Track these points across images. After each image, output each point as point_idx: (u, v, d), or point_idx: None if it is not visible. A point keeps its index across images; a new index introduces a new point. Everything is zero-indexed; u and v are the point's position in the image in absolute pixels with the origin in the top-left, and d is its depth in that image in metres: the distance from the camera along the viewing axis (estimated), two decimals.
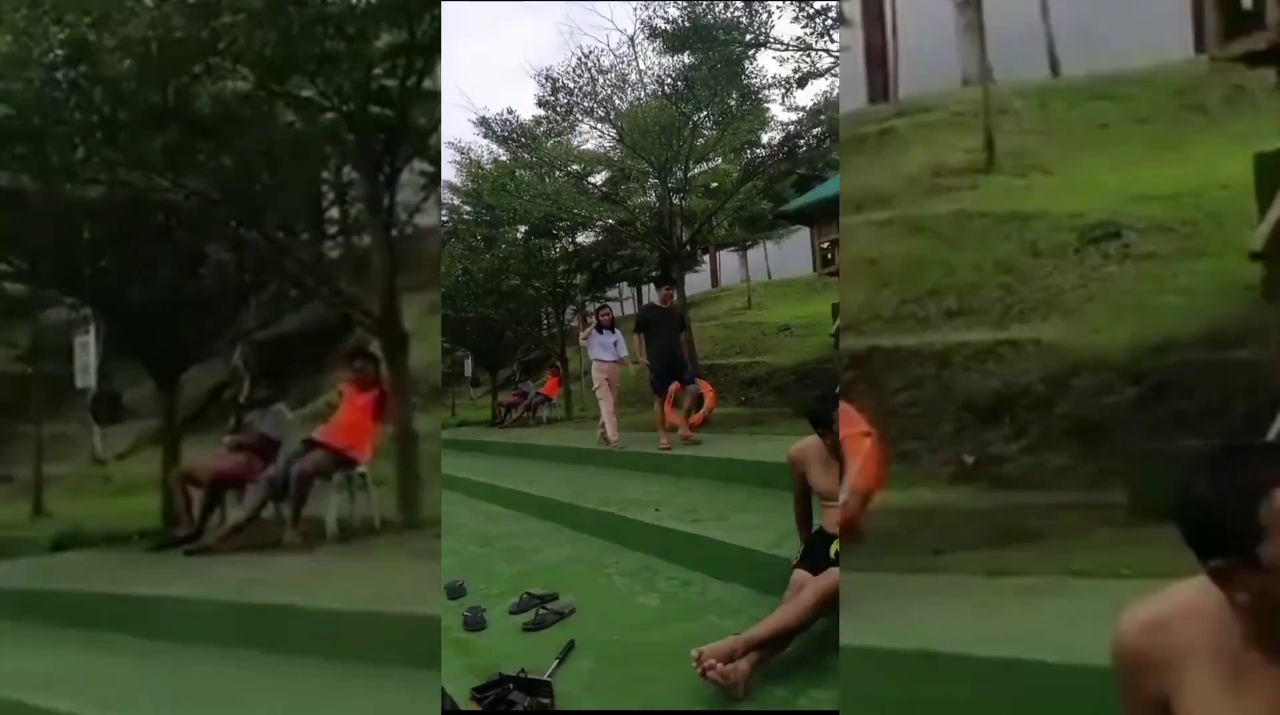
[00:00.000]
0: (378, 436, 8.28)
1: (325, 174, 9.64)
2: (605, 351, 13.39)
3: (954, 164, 13.64)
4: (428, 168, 9.08)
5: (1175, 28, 16.12)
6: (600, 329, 13.51)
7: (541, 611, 5.82)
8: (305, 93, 8.42)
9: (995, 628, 4.03)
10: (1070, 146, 13.19)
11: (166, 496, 8.36)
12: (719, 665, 4.02)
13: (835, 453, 4.92)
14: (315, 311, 11.32)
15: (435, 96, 8.64)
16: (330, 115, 8.37)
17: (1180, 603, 1.92)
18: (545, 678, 4.48)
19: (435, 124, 8.82)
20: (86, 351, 10.47)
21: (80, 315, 10.88)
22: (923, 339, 9.59)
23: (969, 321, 9.99)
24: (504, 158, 24.09)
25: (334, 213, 9.80)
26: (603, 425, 13.16)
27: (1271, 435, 6.54)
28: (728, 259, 37.96)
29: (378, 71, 8.38)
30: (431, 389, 10.91)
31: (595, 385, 13.51)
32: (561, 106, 21.09)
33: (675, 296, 12.68)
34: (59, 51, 7.35)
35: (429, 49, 8.20)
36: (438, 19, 8.13)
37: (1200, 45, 9.25)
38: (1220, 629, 1.81)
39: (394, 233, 8.39)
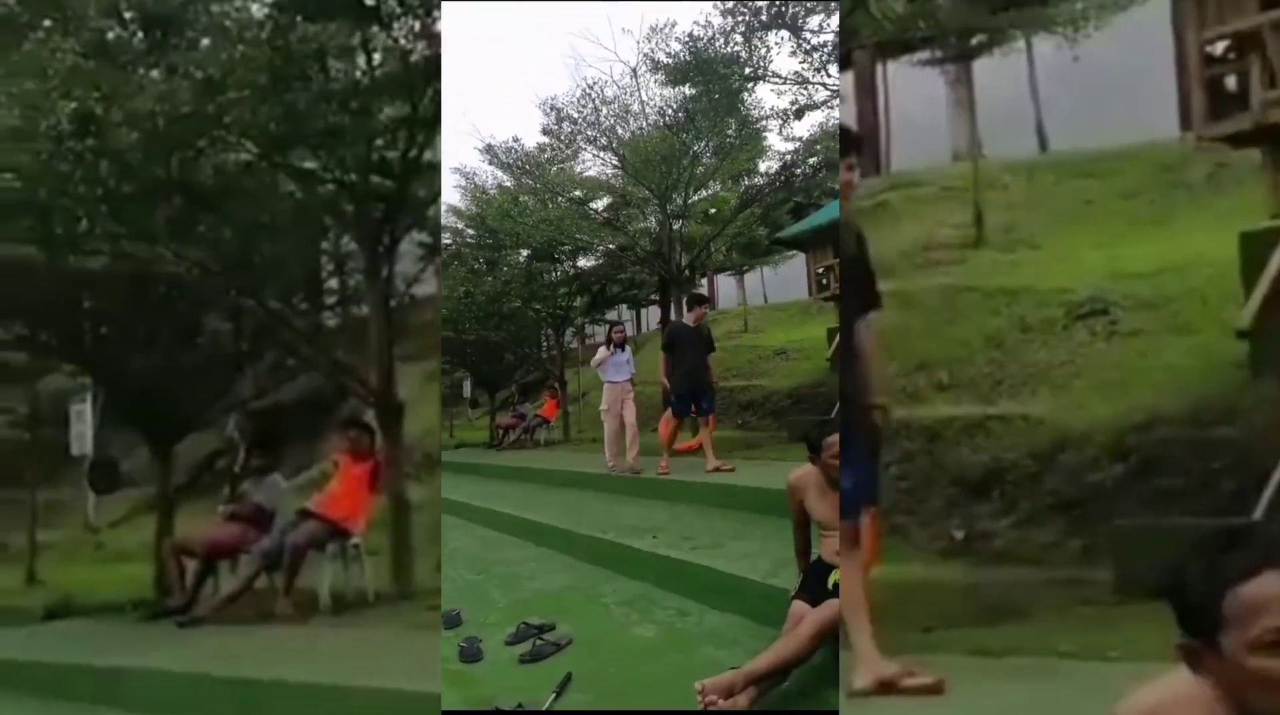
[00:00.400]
0: (372, 507, 8.31)
1: (325, 244, 9.72)
2: (619, 371, 13.07)
3: (944, 238, 13.83)
4: (426, 239, 9.18)
5: (1161, 107, 16.39)
6: (610, 348, 13.18)
7: (539, 642, 5.77)
8: (307, 164, 8.55)
9: (985, 713, 4.07)
10: (1058, 222, 13.38)
11: (160, 566, 8.36)
12: (719, 700, 4.05)
13: (832, 480, 4.93)
14: (312, 381, 11.37)
15: (434, 168, 8.78)
16: (331, 186, 8.50)
17: (1175, 692, 1.95)
18: (543, 710, 4.49)
19: (435, 196, 8.94)
20: (83, 419, 10.51)
21: (78, 383, 10.92)
22: (913, 412, 9.66)
23: (958, 395, 10.08)
24: (508, 183, 24.44)
25: (333, 283, 9.87)
26: (611, 456, 12.78)
27: (1257, 514, 6.62)
28: (725, 283, 38.18)
29: (379, 143, 8.52)
30: (427, 457, 10.94)
31: (604, 406, 13.19)
32: (565, 135, 21.55)
33: (706, 316, 12.25)
34: (67, 124, 7.44)
35: (429, 122, 8.35)
36: (438, 93, 8.28)
37: (1186, 124, 9.40)
38: None
39: (392, 303, 8.47)
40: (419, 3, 8.04)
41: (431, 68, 8.17)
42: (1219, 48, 8.59)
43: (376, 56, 8.33)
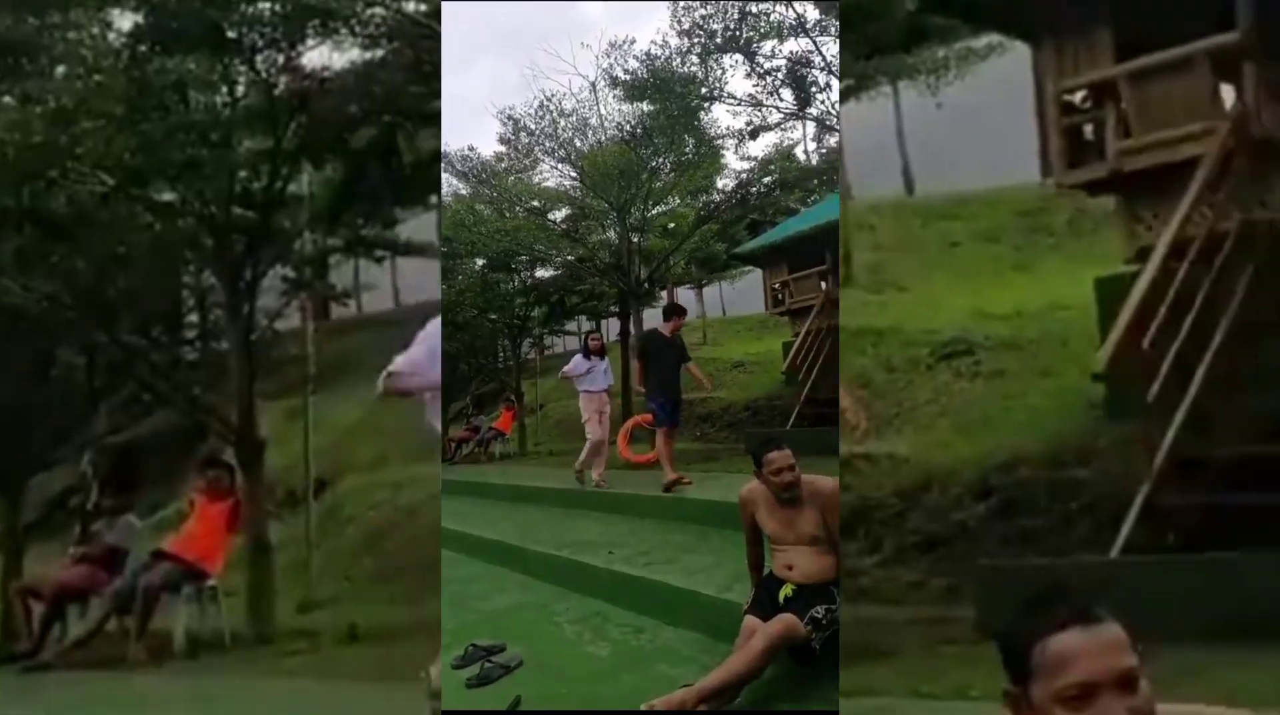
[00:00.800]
0: (230, 547, 8.09)
1: (187, 278, 9.48)
2: (597, 381, 12.36)
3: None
4: (290, 273, 9.00)
5: (1023, 152, 16.86)
6: (588, 356, 12.42)
7: (487, 665, 5.56)
8: (166, 196, 8.35)
9: None
10: (924, 263, 13.64)
11: (5, 610, 8.05)
12: None
13: (779, 497, 4.88)
14: (169, 418, 11.09)
15: (300, 200, 8.63)
16: (191, 219, 8.30)
17: None
18: None
19: (300, 229, 8.78)
20: None
21: None
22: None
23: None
24: (464, 192, 24.09)
25: (194, 317, 9.63)
26: (583, 463, 11.98)
27: (1113, 553, 6.75)
28: (684, 296, 38.11)
29: (243, 175, 8.36)
30: (290, 495, 10.72)
31: (585, 417, 12.27)
32: (523, 146, 21.86)
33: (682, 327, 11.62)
34: None
35: (293, 155, 8.21)
36: (302, 125, 8.16)
37: (1047, 171, 9.64)
38: None
39: (253, 338, 8.29)
40: (283, 36, 7.93)
41: (296, 100, 8.06)
42: (1077, 97, 8.81)
43: (239, 89, 8.19)
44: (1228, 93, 8.15)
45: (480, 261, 25.41)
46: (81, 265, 8.40)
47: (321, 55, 8.41)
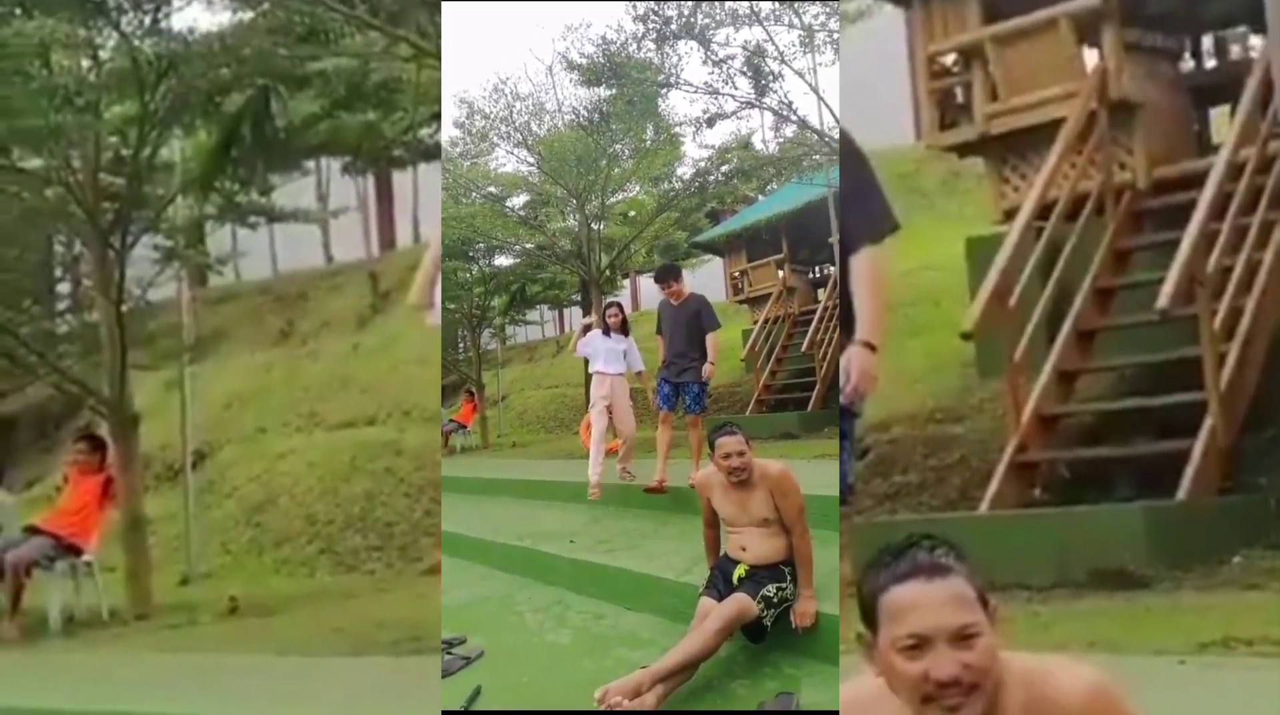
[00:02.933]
0: (105, 522, 7.97)
1: (58, 246, 9.27)
2: (612, 361, 10.33)
3: None
4: (162, 241, 8.85)
5: (898, 114, 17.06)
6: (608, 332, 10.49)
7: (448, 657, 5.58)
8: (32, 164, 8.15)
9: None
10: None
11: None
12: (625, 701, 4.01)
13: (731, 481, 4.92)
14: (41, 392, 10.85)
15: (169, 167, 8.48)
16: (59, 188, 8.11)
17: (870, 684, 2.04)
18: None
19: (171, 197, 8.63)
20: None
21: None
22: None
23: None
24: None
25: (64, 287, 9.42)
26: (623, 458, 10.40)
27: (983, 508, 6.94)
28: (648, 283, 37.90)
29: (111, 140, 8.18)
30: (167, 468, 10.57)
31: (591, 403, 10.59)
32: (477, 130, 21.56)
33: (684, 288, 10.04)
34: None
35: (163, 120, 8.05)
36: (170, 91, 7.99)
37: (920, 133, 9.79)
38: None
39: (125, 308, 8.13)
40: None
41: (164, 64, 7.89)
42: (948, 60, 8.95)
43: (103, 53, 8.00)
44: (1090, 56, 8.37)
45: None
46: None
47: (189, 18, 8.26)
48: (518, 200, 24.94)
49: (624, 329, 10.48)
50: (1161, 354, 7.22)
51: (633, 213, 25.46)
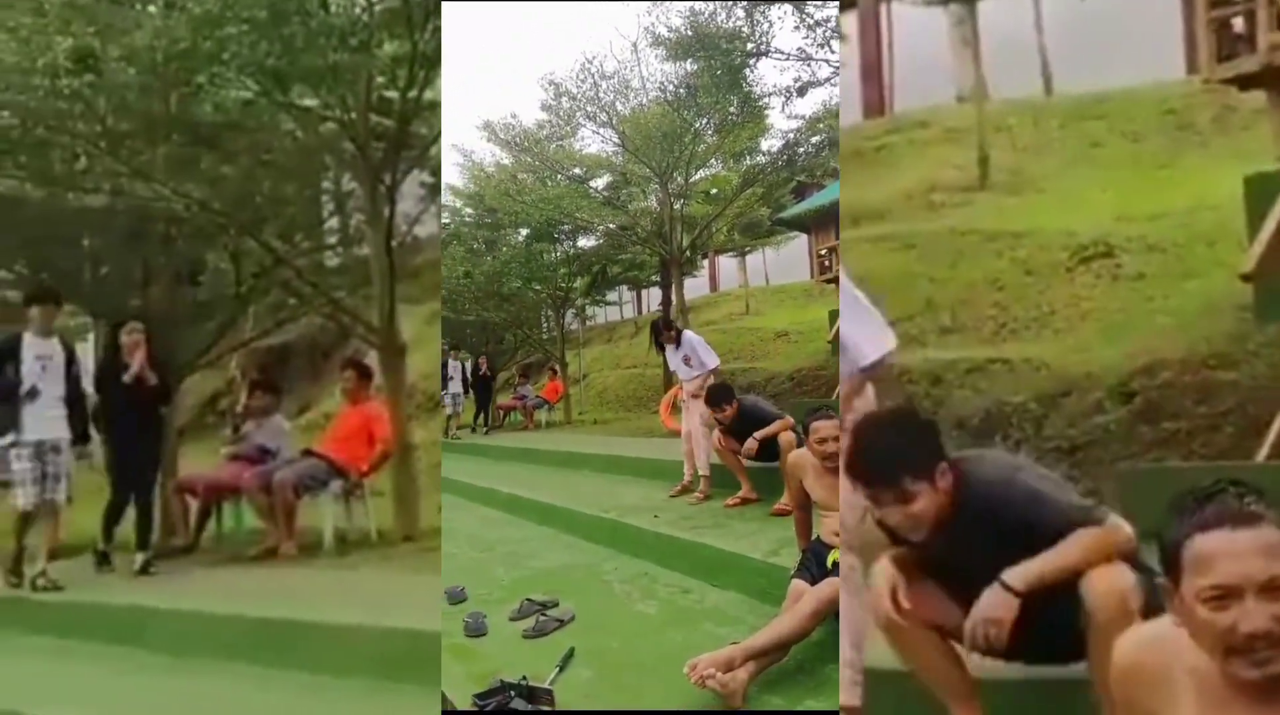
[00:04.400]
0: (374, 448, 8.30)
1: (326, 184, 9.63)
2: (683, 369, 9.73)
3: (948, 180, 13.75)
4: (428, 178, 9.11)
5: (1167, 48, 16.26)
6: (661, 348, 10.19)
7: (541, 618, 5.84)
8: (307, 102, 8.46)
9: None
10: (1063, 164, 13.30)
11: (163, 506, 8.39)
12: (718, 674, 4.06)
13: (825, 465, 4.95)
14: (314, 322, 11.33)
15: (435, 107, 8.68)
16: (331, 125, 8.41)
17: (1162, 630, 2.01)
18: (546, 685, 4.52)
19: (436, 135, 8.86)
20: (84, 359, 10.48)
21: (79, 323, 10.84)
22: (915, 356, 9.64)
23: (961, 339, 10.06)
24: (506, 161, 24.49)
25: (334, 222, 9.79)
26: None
27: (1260, 457, 6.62)
28: (726, 264, 37.90)
29: (380, 81, 8.43)
30: (429, 399, 10.94)
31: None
32: (564, 111, 21.64)
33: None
34: (64, 61, 7.36)
35: (430, 59, 8.24)
36: (438, 30, 8.17)
37: (1192, 67, 9.30)
38: (1198, 650, 1.89)
39: (394, 243, 8.40)
40: None
41: (431, 3, 8.07)
42: None
43: None
44: None
45: (524, 232, 25.70)
46: (228, 171, 8.59)
47: None
48: (601, 181, 25.39)
49: (676, 340, 9.70)
50: None
51: (715, 190, 25.19)
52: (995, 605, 2.97)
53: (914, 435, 3.25)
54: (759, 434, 8.00)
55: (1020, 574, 2.98)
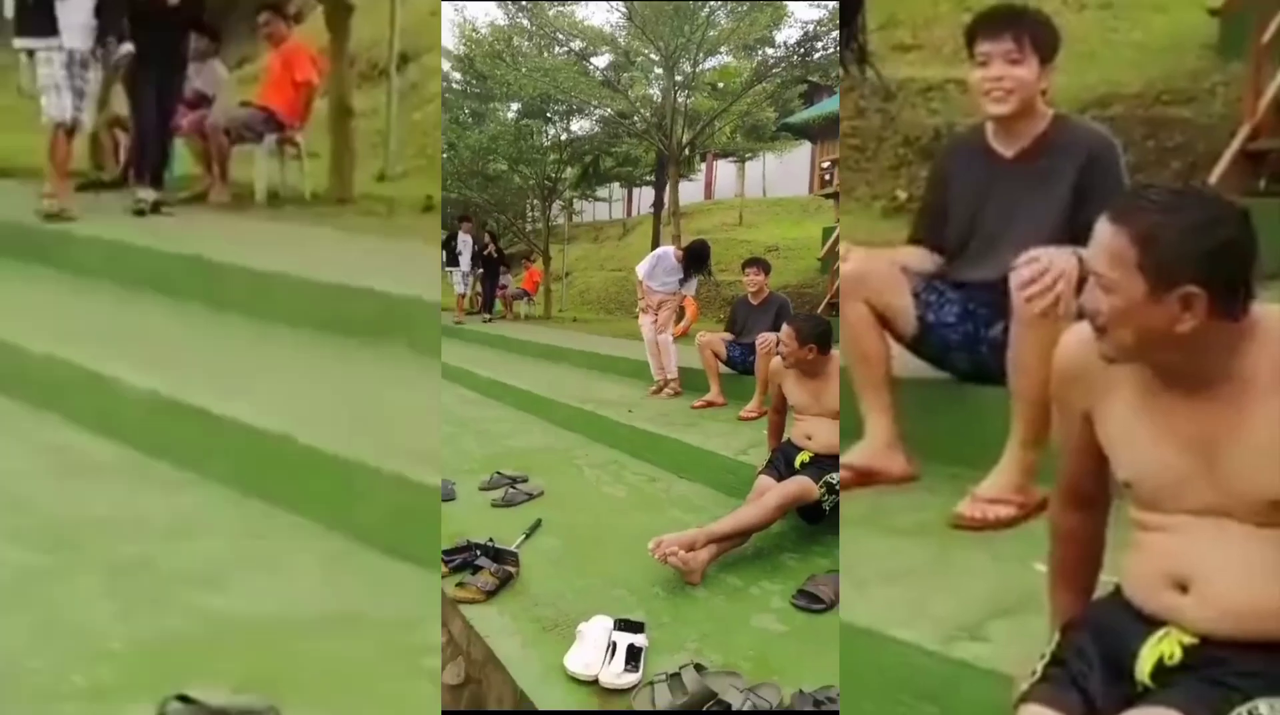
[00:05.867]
0: (299, 92, 8.18)
1: None
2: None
3: None
4: None
5: None
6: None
7: (511, 491, 5.92)
8: None
9: None
10: None
11: (93, 140, 8.21)
12: (680, 551, 4.19)
13: (809, 369, 5.03)
14: None
15: None
16: None
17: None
18: (512, 549, 4.57)
19: None
20: None
21: None
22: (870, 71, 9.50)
23: (920, 57, 9.92)
24: (502, 22, 22.84)
25: None
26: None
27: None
28: (724, 170, 36.51)
29: None
30: (373, 67, 10.67)
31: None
32: None
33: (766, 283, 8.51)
34: None
35: None
36: None
37: None
38: None
39: None
40: None
41: None
42: None
43: None
44: None
45: (515, 107, 24.54)
46: None
47: None
48: (602, 60, 23.53)
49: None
50: None
51: (722, 84, 23.50)
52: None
53: None
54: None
55: None
